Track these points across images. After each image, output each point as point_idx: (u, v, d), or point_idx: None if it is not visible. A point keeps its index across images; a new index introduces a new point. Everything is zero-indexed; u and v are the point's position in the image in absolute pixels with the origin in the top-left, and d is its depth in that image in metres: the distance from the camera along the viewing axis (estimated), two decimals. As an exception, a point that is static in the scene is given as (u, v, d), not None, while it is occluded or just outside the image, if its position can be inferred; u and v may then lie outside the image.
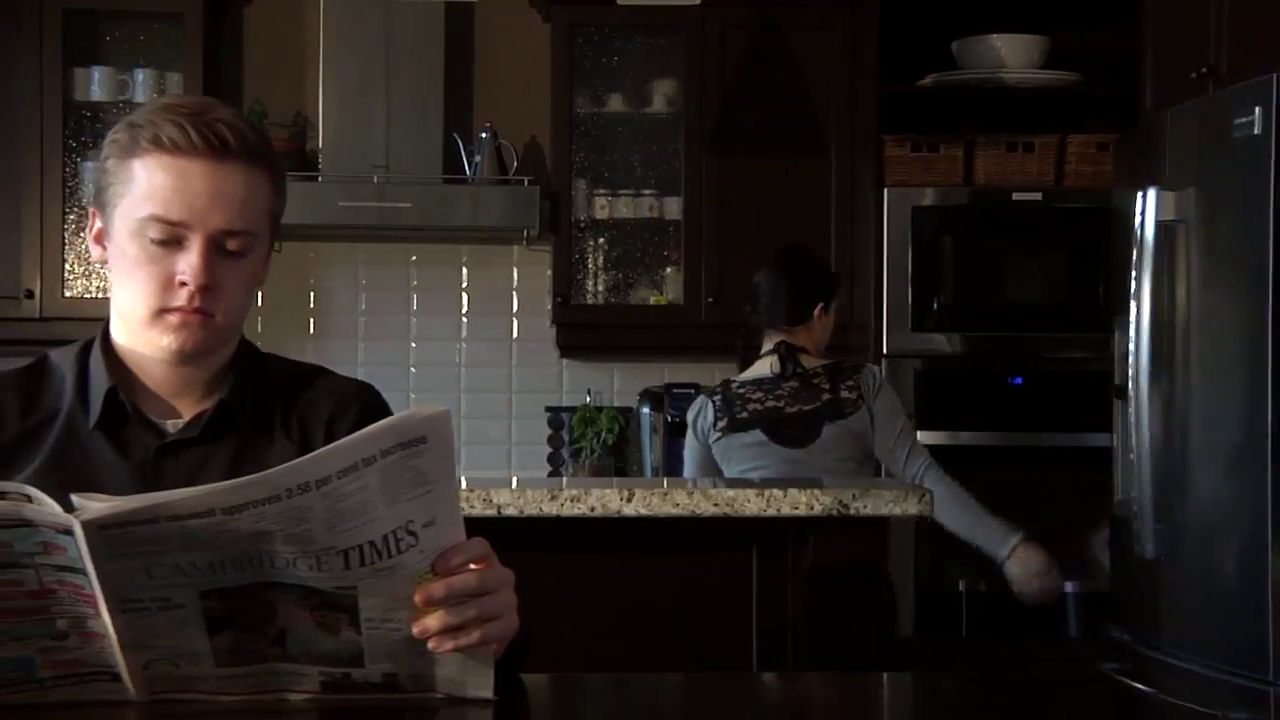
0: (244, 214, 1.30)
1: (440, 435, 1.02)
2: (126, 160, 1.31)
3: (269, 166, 1.33)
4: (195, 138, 1.28)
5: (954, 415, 3.82)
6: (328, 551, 1.01)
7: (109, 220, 1.34)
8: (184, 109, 1.30)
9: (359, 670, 1.08)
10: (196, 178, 1.28)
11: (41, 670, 1.06)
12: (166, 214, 1.28)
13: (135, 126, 1.31)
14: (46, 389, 1.37)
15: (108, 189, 1.33)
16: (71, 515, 0.98)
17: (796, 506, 1.98)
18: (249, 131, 1.31)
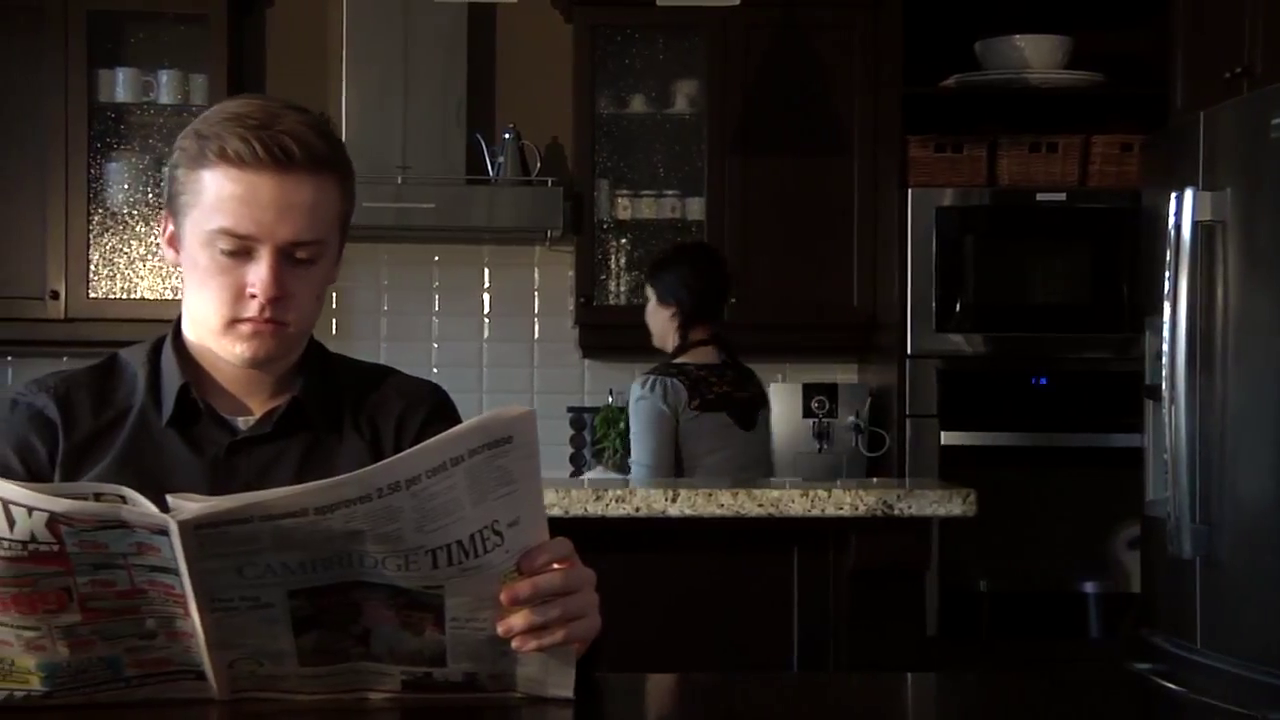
0: (312, 224, 1.31)
1: (525, 435, 1.03)
2: (195, 171, 1.31)
3: (336, 171, 1.33)
4: (261, 151, 1.28)
5: (977, 415, 3.82)
6: (416, 551, 1.02)
7: (180, 227, 1.34)
8: (251, 120, 1.29)
9: (440, 669, 1.09)
10: (264, 191, 1.28)
11: (128, 669, 1.07)
12: (235, 228, 1.29)
13: (202, 137, 1.31)
14: (118, 387, 1.38)
15: (178, 197, 1.33)
16: (167, 515, 0.98)
17: (841, 507, 1.98)
18: (315, 139, 1.31)
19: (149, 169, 4.02)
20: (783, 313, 4.04)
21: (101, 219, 3.96)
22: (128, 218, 3.99)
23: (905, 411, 3.82)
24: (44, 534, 0.98)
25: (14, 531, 0.97)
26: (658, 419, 3.23)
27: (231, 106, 1.33)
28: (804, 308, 4.05)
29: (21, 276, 3.90)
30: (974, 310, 3.81)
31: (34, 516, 0.97)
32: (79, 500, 0.98)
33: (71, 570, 1.00)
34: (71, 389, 1.36)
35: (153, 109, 4.02)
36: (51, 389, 1.36)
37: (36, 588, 1.00)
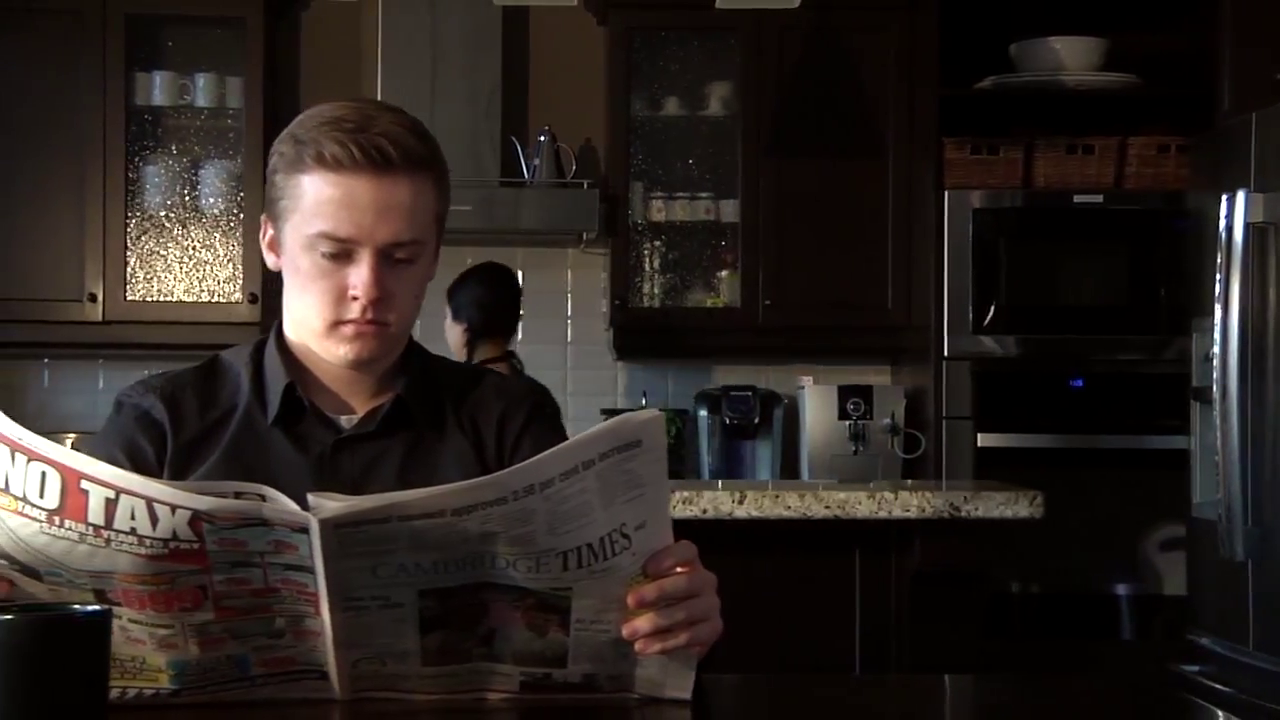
0: (411, 224, 1.31)
1: (655, 439, 1.04)
2: (294, 175, 1.31)
3: (433, 170, 1.34)
4: (358, 154, 1.28)
5: (1014, 417, 3.82)
6: (548, 553, 1.03)
7: (280, 231, 1.35)
8: (347, 123, 1.30)
9: (560, 670, 1.09)
10: (362, 194, 1.29)
11: (255, 668, 1.07)
12: (335, 231, 1.29)
13: (300, 142, 1.31)
14: (222, 386, 1.39)
15: (277, 202, 1.34)
16: (309, 514, 0.99)
17: (908, 509, 1.98)
18: (411, 140, 1.31)
19: (186, 172, 4.03)
20: (816, 315, 4.05)
21: (139, 222, 3.98)
22: (165, 220, 4.00)
23: (941, 413, 3.83)
24: (185, 532, 0.99)
25: (156, 529, 0.98)
26: None
27: (327, 111, 1.33)
28: (838, 309, 4.05)
29: (59, 279, 3.92)
30: (1010, 312, 3.81)
31: (177, 514, 0.98)
32: (221, 498, 0.99)
33: (209, 568, 1.01)
34: (177, 390, 1.37)
35: (189, 112, 4.03)
36: (158, 390, 1.37)
37: (174, 586, 1.01)
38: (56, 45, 3.90)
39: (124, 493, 0.98)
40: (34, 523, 0.99)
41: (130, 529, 0.98)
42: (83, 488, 0.98)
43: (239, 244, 3.98)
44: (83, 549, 0.99)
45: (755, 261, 4.05)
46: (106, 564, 0.99)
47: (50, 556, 1.00)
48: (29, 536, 0.99)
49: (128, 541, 0.98)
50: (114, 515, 0.98)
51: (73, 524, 0.98)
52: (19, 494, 0.99)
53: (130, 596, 1.00)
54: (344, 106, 1.33)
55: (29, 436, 0.99)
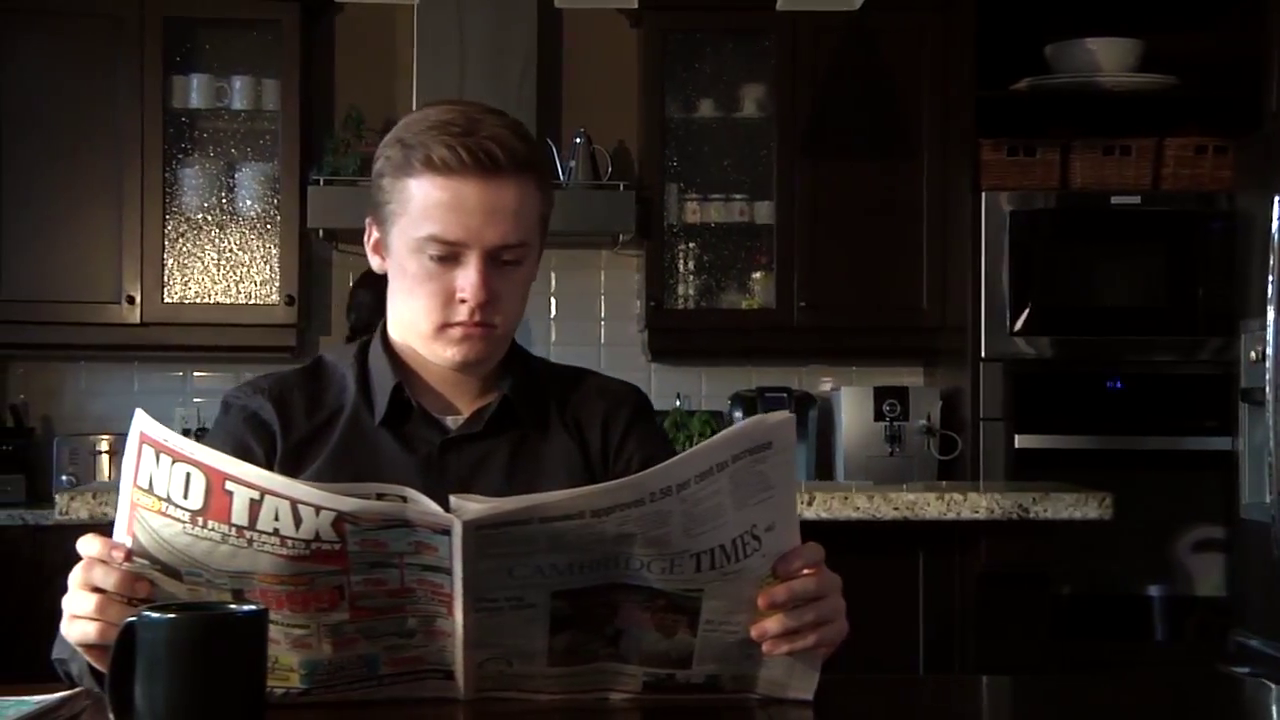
0: (518, 226, 1.32)
1: (785, 441, 1.04)
2: (401, 179, 1.32)
3: (537, 173, 1.34)
4: (467, 158, 1.28)
5: (1051, 419, 3.82)
6: (682, 555, 1.03)
7: (387, 235, 1.35)
8: (454, 127, 1.30)
9: (684, 671, 1.10)
10: (470, 196, 1.29)
11: (384, 668, 1.08)
12: (443, 234, 1.30)
13: (407, 146, 1.32)
14: (328, 387, 1.40)
15: (384, 206, 1.34)
16: (452, 515, 0.99)
17: (976, 510, 1.99)
18: (517, 143, 1.32)
19: (222, 174, 4.04)
20: (851, 316, 4.05)
21: (176, 224, 3.99)
22: (202, 223, 4.01)
23: (978, 415, 3.83)
24: (329, 533, 0.99)
25: (299, 530, 0.99)
26: None
27: (432, 114, 1.34)
28: (872, 311, 4.06)
29: (97, 281, 3.93)
30: (1046, 313, 3.82)
31: (321, 515, 0.98)
32: (364, 500, 1.00)
33: (348, 569, 1.01)
34: (284, 391, 1.38)
35: (226, 114, 4.04)
36: (266, 391, 1.38)
37: (312, 586, 1.01)
38: (94, 48, 3.91)
39: (268, 494, 0.98)
40: (177, 523, 0.99)
41: (273, 530, 0.99)
42: (227, 489, 0.98)
43: (276, 246, 3.99)
44: (224, 549, 0.99)
45: (790, 263, 4.05)
46: (247, 564, 1.00)
47: (191, 557, 1.00)
48: (171, 537, 1.00)
49: (270, 542, 0.99)
50: (258, 516, 0.98)
51: (216, 525, 0.99)
52: (163, 495, 0.99)
53: (268, 596, 1.01)
54: (450, 110, 1.33)
55: (175, 438, 1.00)
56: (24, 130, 3.89)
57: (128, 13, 3.90)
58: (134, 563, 1.02)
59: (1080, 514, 1.98)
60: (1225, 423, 3.76)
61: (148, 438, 1.00)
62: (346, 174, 3.93)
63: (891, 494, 2.00)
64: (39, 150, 3.89)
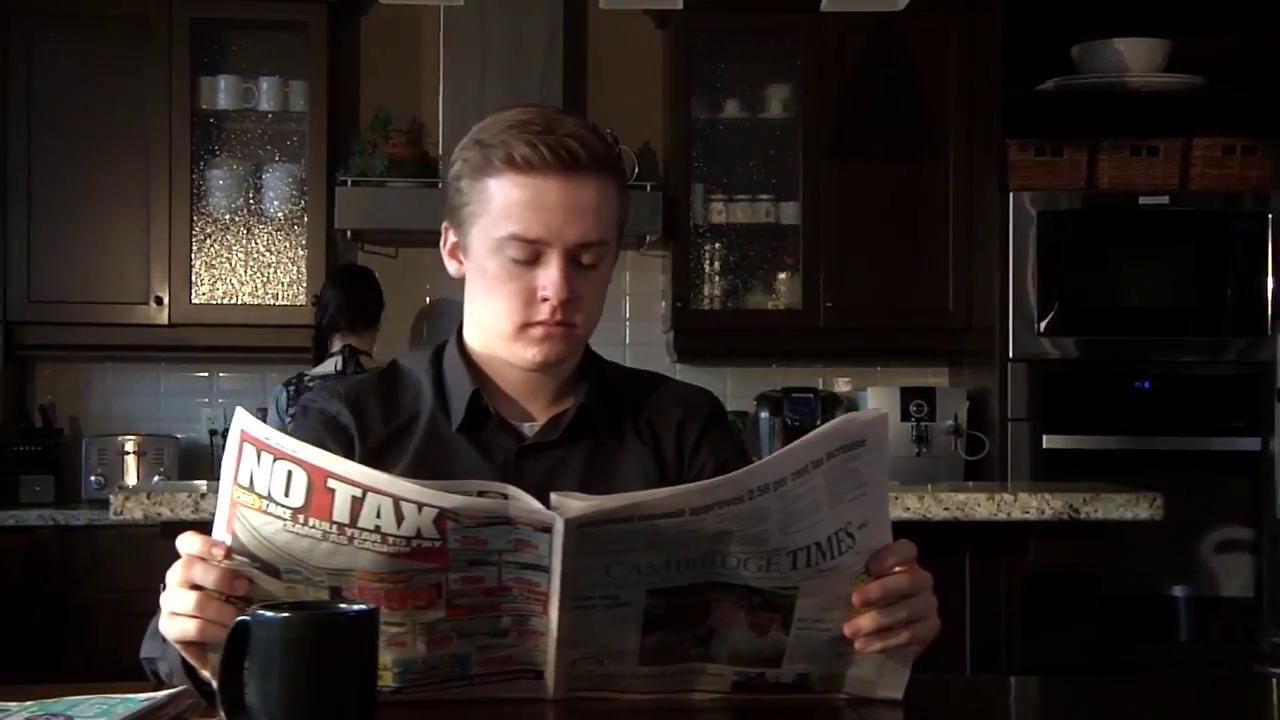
0: (598, 225, 1.32)
1: (878, 438, 1.04)
2: (480, 180, 1.31)
3: (615, 172, 1.34)
4: (548, 155, 1.28)
5: (1080, 419, 3.82)
6: (778, 552, 1.03)
7: (465, 236, 1.35)
8: (534, 126, 1.30)
9: (773, 670, 1.10)
10: (552, 195, 1.29)
11: (475, 667, 1.08)
12: (525, 233, 1.29)
13: (486, 146, 1.31)
14: (403, 393, 1.39)
15: (463, 208, 1.34)
16: (554, 513, 1.00)
17: (1027, 510, 1.99)
18: (596, 142, 1.32)
19: (250, 175, 4.05)
20: (876, 316, 4.05)
21: (204, 225, 3.99)
22: (229, 223, 4.01)
23: (1006, 415, 3.83)
24: (430, 530, 0.99)
25: (401, 528, 0.99)
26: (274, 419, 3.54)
27: (509, 115, 1.33)
28: (898, 311, 4.06)
29: (126, 282, 3.94)
30: (1074, 313, 3.82)
31: (423, 513, 0.99)
32: (466, 496, 1.00)
33: (447, 567, 1.01)
34: (361, 396, 1.38)
35: (253, 116, 4.04)
36: (343, 395, 1.37)
37: (410, 584, 1.01)
38: (122, 50, 3.92)
39: (371, 491, 0.98)
40: (277, 521, 1.00)
41: (375, 527, 0.99)
42: (329, 486, 0.98)
43: (303, 247, 4.00)
44: (325, 547, 0.99)
45: (816, 263, 4.06)
46: (347, 562, 1.00)
47: (291, 554, 1.00)
48: (272, 535, 1.00)
49: (371, 540, 0.99)
50: (359, 513, 0.98)
51: (317, 522, 0.99)
52: (264, 492, 1.00)
53: (366, 594, 1.01)
54: (526, 110, 1.33)
55: (276, 436, 1.00)
56: (53, 132, 3.89)
57: (156, 15, 3.91)
58: (233, 560, 1.02)
59: (1131, 514, 1.98)
60: (1253, 423, 3.76)
61: (249, 435, 1.00)
62: (374, 175, 3.93)
63: (942, 494, 2.00)
64: (67, 152, 3.90)
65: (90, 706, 1.01)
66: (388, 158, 3.95)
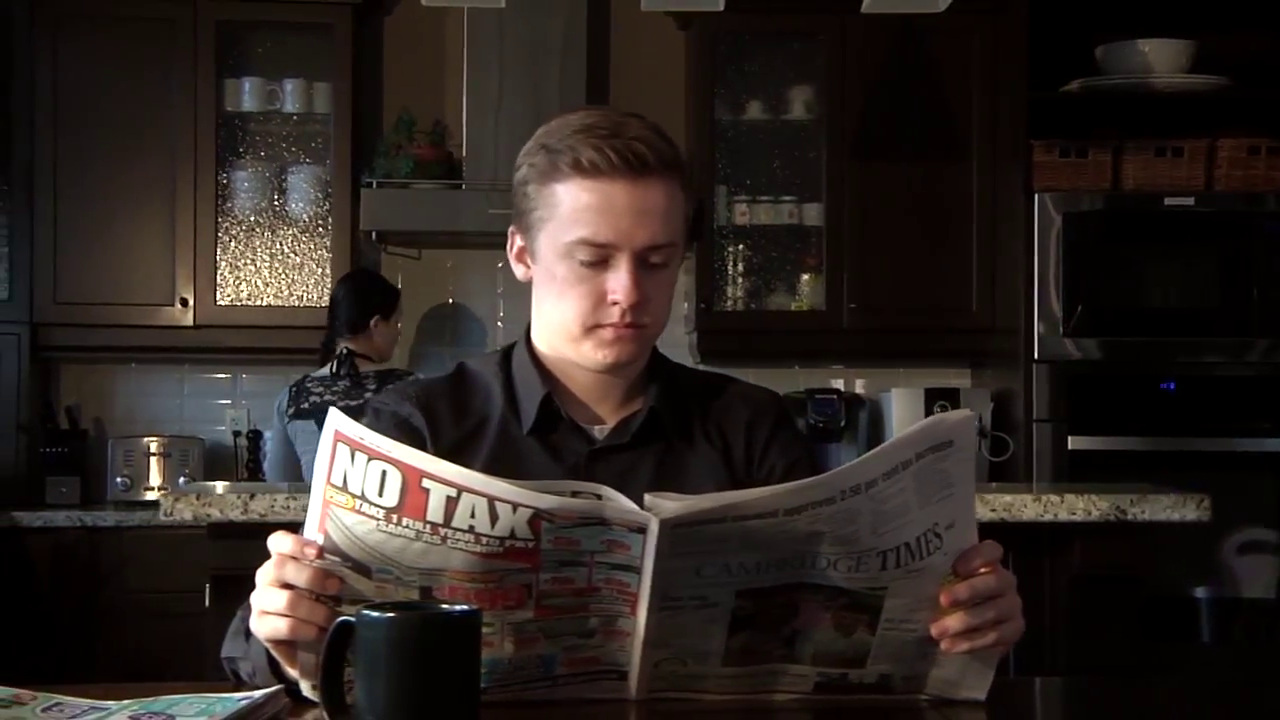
0: (666, 227, 1.32)
1: (966, 439, 1.05)
2: (548, 185, 1.32)
3: (681, 173, 1.34)
4: (615, 159, 1.28)
5: (1104, 420, 3.82)
6: (868, 553, 1.04)
7: (533, 241, 1.35)
8: (600, 129, 1.30)
9: (856, 671, 1.10)
10: (620, 198, 1.29)
11: (560, 668, 1.08)
12: (594, 237, 1.30)
13: (552, 151, 1.31)
14: (473, 395, 1.40)
15: (530, 213, 1.34)
16: (649, 513, 1.00)
17: (1074, 512, 1.99)
18: (662, 144, 1.32)
19: (274, 177, 4.05)
20: (900, 317, 4.05)
21: (229, 227, 4.00)
22: (254, 225, 4.02)
23: (1031, 416, 3.83)
24: (524, 530, 1.00)
25: (495, 528, 0.99)
26: (274, 425, 3.64)
27: (574, 120, 1.33)
28: (921, 313, 4.06)
29: (151, 283, 3.94)
30: (1099, 314, 3.81)
31: (518, 513, 0.99)
32: (560, 497, 1.00)
33: (538, 567, 1.02)
34: (431, 398, 1.38)
35: (278, 117, 4.05)
36: (413, 398, 1.37)
37: (501, 584, 1.01)
38: (149, 52, 3.92)
39: (466, 491, 0.99)
40: (370, 520, 1.00)
41: (469, 527, 0.99)
42: (424, 486, 0.99)
43: (327, 249, 4.00)
44: (417, 546, 1.00)
45: (839, 265, 4.06)
46: (439, 562, 1.00)
47: (384, 554, 1.01)
48: (364, 534, 1.00)
49: (464, 539, 0.99)
50: (453, 513, 0.99)
51: (410, 522, 0.99)
52: (357, 492, 1.00)
53: (457, 594, 1.01)
54: (592, 114, 1.33)
55: (370, 436, 1.00)
56: (79, 133, 3.90)
57: (181, 17, 3.92)
58: (325, 559, 1.02)
59: (1178, 515, 1.98)
60: (1277, 424, 3.76)
61: (343, 435, 1.00)
62: (399, 176, 3.94)
63: (988, 495, 2.00)
64: (93, 153, 3.91)
65: (189, 705, 1.01)
66: (413, 159, 3.95)
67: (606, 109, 1.36)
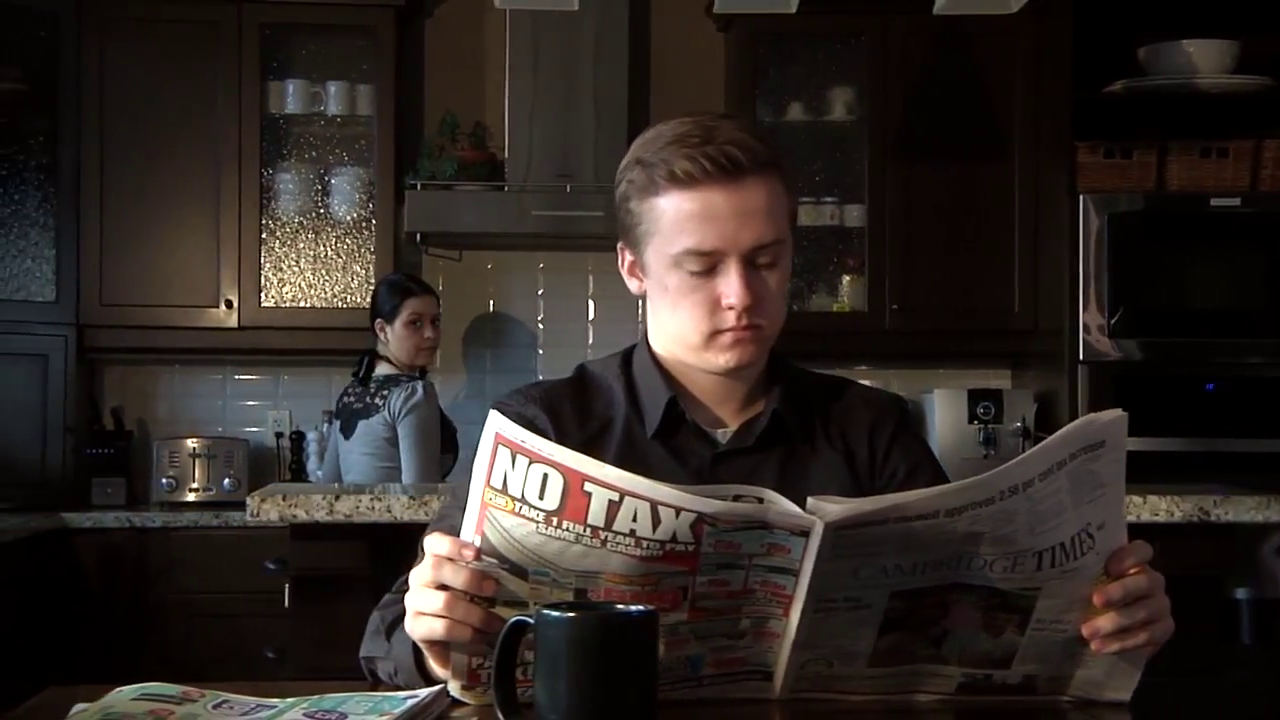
0: (770, 226, 1.32)
1: (1117, 439, 1.05)
2: (648, 199, 1.32)
3: (779, 169, 1.34)
4: (709, 166, 1.28)
5: (1148, 421, 3.81)
6: (1025, 553, 1.04)
7: (641, 256, 1.36)
8: (692, 138, 1.30)
9: (1001, 672, 1.10)
10: (720, 204, 1.29)
11: (706, 668, 1.08)
12: (699, 246, 1.30)
13: (648, 165, 1.31)
14: (595, 398, 1.40)
15: (635, 228, 1.35)
16: (814, 517, 1.00)
17: (1156, 513, 1.99)
18: (756, 143, 1.31)
19: (318, 179, 4.06)
20: (941, 319, 4.05)
21: (272, 228, 4.00)
22: (298, 227, 4.03)
23: (1075, 417, 3.81)
24: (686, 534, 1.00)
25: (657, 532, 0.99)
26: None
27: (667, 130, 1.33)
28: (963, 314, 4.06)
29: (196, 285, 3.95)
30: (1143, 315, 3.81)
31: (681, 517, 0.99)
32: (723, 501, 1.00)
33: (695, 570, 1.02)
34: (555, 400, 1.38)
35: (321, 120, 4.05)
36: (538, 400, 1.38)
37: (657, 588, 1.02)
38: (193, 55, 3.93)
39: (628, 495, 0.99)
40: (530, 523, 1.00)
41: (630, 531, 0.99)
42: (586, 490, 0.99)
43: (370, 250, 4.01)
44: (576, 549, 1.00)
45: (881, 266, 4.06)
46: (597, 564, 1.00)
47: (542, 557, 1.01)
48: (523, 537, 1.01)
49: (625, 543, 0.99)
50: (615, 517, 0.99)
51: (571, 525, 0.99)
52: (517, 495, 1.00)
53: (612, 596, 1.01)
54: (685, 122, 1.33)
55: (532, 439, 1.00)
56: (124, 136, 3.91)
57: (226, 20, 3.93)
58: (482, 561, 1.03)
59: (1262, 516, 1.98)
60: (1321, 425, 3.76)
61: (504, 438, 1.00)
62: (443, 178, 3.94)
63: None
64: (139, 156, 3.92)
65: (358, 704, 1.01)
66: (457, 161, 3.96)
67: (699, 115, 1.35)
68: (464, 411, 3.90)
